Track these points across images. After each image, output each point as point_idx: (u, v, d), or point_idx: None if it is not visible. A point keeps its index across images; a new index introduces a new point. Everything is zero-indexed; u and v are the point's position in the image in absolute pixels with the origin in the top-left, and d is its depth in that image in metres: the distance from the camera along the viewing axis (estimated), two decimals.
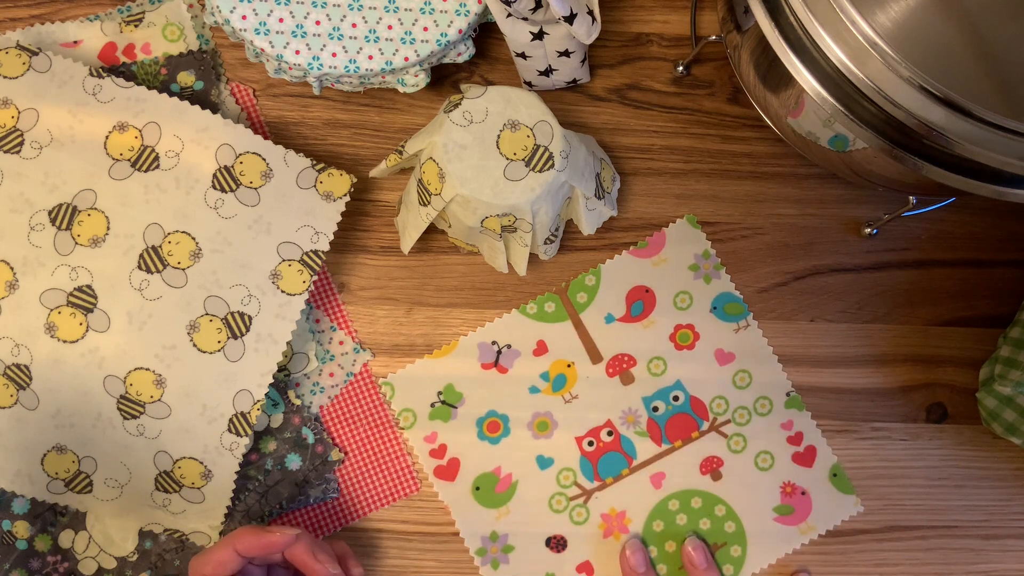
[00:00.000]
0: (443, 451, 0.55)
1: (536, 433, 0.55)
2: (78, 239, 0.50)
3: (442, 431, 0.55)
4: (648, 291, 0.56)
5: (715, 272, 0.56)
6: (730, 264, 0.57)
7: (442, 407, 0.55)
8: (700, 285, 0.56)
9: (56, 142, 0.50)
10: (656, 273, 0.56)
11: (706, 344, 0.56)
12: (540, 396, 0.55)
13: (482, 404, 0.55)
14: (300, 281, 0.51)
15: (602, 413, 0.56)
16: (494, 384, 0.55)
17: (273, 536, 0.46)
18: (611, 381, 0.56)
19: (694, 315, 0.56)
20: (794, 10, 0.41)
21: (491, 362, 0.55)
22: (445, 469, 0.55)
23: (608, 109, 0.57)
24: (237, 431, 0.51)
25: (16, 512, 0.52)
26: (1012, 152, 0.40)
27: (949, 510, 0.57)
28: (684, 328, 0.56)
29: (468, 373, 0.55)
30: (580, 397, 0.55)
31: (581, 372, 0.56)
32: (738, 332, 0.56)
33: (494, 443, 0.55)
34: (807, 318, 0.57)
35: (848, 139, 0.45)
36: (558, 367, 0.55)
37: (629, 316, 0.56)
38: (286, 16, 0.50)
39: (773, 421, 0.56)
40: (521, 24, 0.49)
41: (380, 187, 0.56)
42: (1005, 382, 0.53)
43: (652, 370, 0.56)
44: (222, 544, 0.47)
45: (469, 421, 0.55)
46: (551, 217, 0.49)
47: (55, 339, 0.50)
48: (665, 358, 0.56)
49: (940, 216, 0.58)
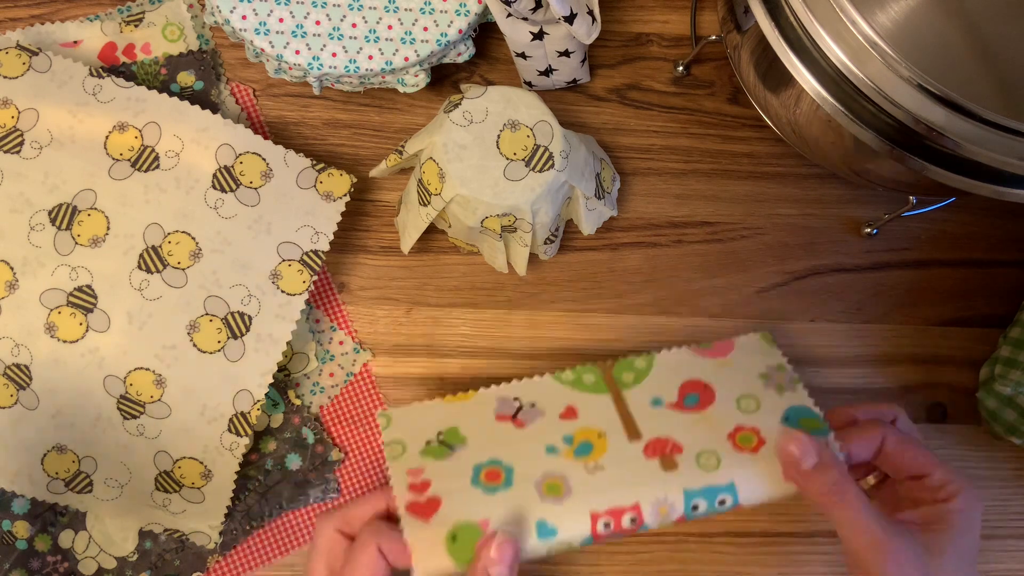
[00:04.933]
0: (424, 487, 0.44)
1: (544, 494, 0.43)
2: (78, 239, 0.50)
3: (430, 467, 0.45)
4: (707, 387, 0.47)
5: (791, 385, 0.47)
6: (730, 264, 0.56)
7: (439, 447, 0.46)
8: (771, 394, 0.47)
9: (56, 142, 0.50)
10: (720, 372, 0.48)
11: (772, 452, 0.44)
12: (558, 457, 0.45)
13: (487, 451, 0.45)
14: (300, 281, 0.51)
15: (631, 494, 0.44)
16: (507, 435, 0.46)
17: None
18: (648, 462, 0.45)
19: (760, 420, 0.46)
20: (794, 10, 0.41)
21: (509, 415, 0.47)
22: (421, 506, 0.43)
23: (608, 109, 0.57)
24: (237, 431, 0.51)
25: (16, 512, 0.52)
26: (1012, 152, 0.40)
27: None
28: (747, 431, 0.45)
29: (479, 421, 0.47)
30: (607, 469, 0.44)
31: (613, 444, 0.45)
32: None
33: (489, 492, 0.44)
34: (807, 318, 0.57)
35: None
36: (586, 434, 0.45)
37: (681, 405, 0.47)
38: (286, 16, 0.50)
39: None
40: (521, 24, 0.49)
41: (380, 187, 0.56)
42: (1005, 382, 0.53)
43: (702, 463, 0.45)
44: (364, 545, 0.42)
45: (466, 465, 0.45)
46: (551, 217, 0.49)
47: (55, 339, 0.50)
48: (720, 454, 0.45)
49: (940, 216, 0.58)
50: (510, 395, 0.48)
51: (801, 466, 0.43)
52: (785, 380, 0.48)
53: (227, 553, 0.53)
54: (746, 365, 0.48)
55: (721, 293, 0.57)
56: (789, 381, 0.48)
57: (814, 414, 0.46)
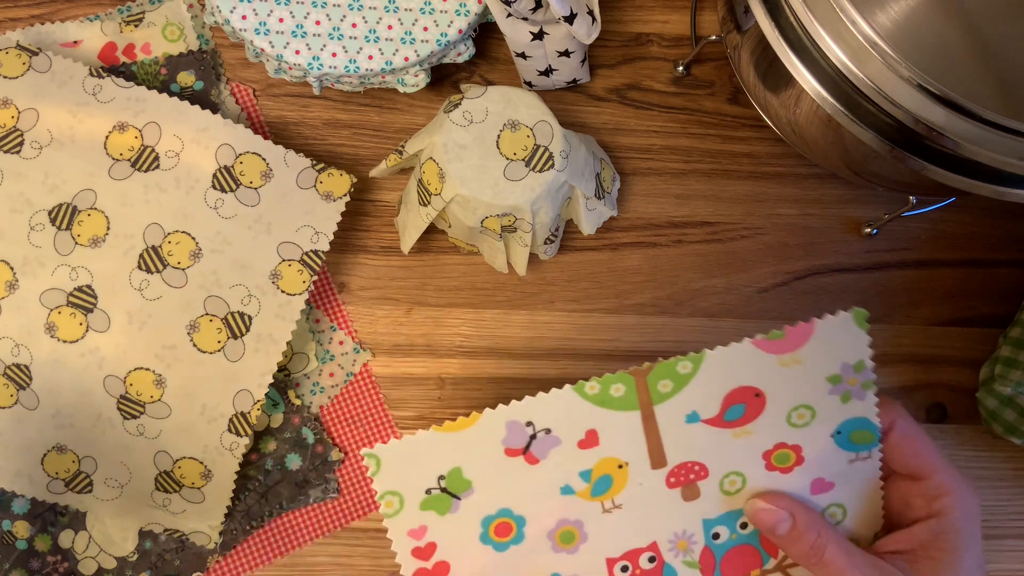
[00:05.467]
0: (430, 551, 0.41)
1: (557, 545, 0.42)
2: (78, 239, 0.50)
3: (434, 525, 0.41)
4: (759, 395, 0.41)
5: (860, 392, 0.41)
6: (730, 264, 0.56)
7: (441, 496, 0.41)
8: (834, 403, 0.41)
9: (56, 142, 0.50)
10: (779, 376, 0.40)
11: (807, 471, 0.42)
12: (573, 499, 0.42)
13: (495, 499, 0.41)
14: (300, 281, 0.51)
15: (648, 532, 0.42)
16: (517, 476, 0.41)
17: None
18: (670, 493, 0.42)
19: (807, 436, 0.42)
20: (794, 10, 0.41)
21: (520, 448, 0.41)
22: (429, 573, 0.42)
23: (608, 109, 0.57)
24: (237, 431, 0.51)
25: (16, 512, 0.52)
26: (1012, 152, 0.40)
27: None
28: (788, 448, 0.42)
29: (485, 456, 0.41)
30: (624, 507, 0.42)
31: (634, 477, 0.42)
32: (853, 463, 0.42)
33: (500, 550, 0.42)
34: (807, 318, 0.57)
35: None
36: (606, 466, 0.41)
37: (721, 420, 0.41)
38: (286, 16, 0.50)
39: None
40: (521, 24, 0.49)
41: (380, 187, 0.56)
42: (1005, 382, 0.53)
43: (726, 487, 0.42)
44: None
45: (473, 518, 0.41)
46: (551, 217, 0.49)
47: (55, 339, 0.50)
48: (746, 475, 0.42)
49: (940, 216, 0.58)
50: (522, 418, 0.40)
51: (776, 533, 0.41)
52: (857, 385, 0.41)
53: (227, 553, 0.53)
54: (818, 363, 0.40)
55: (721, 293, 0.57)
56: (861, 386, 0.41)
57: (871, 425, 0.41)
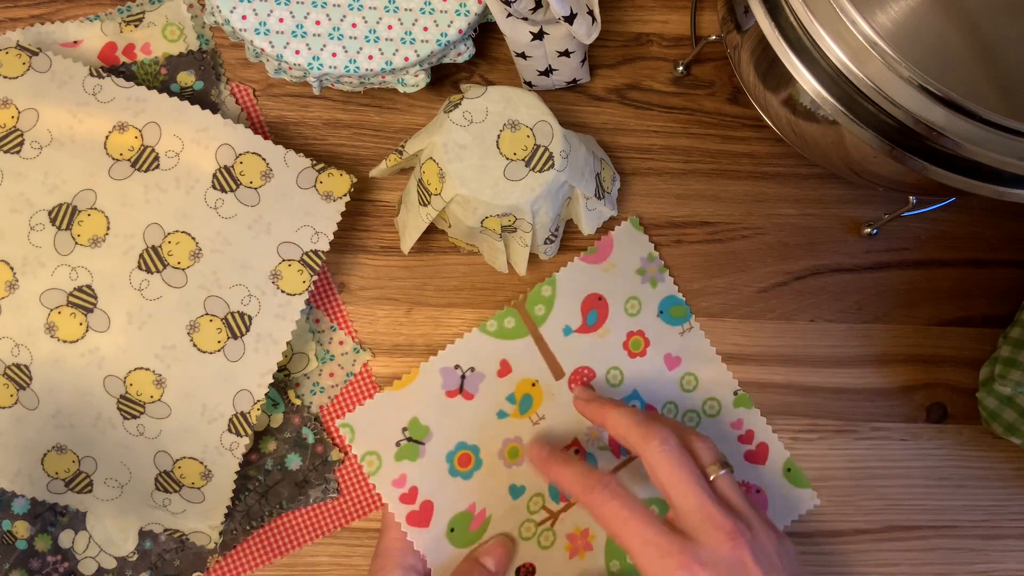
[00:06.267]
0: (414, 495, 0.52)
1: (508, 461, 0.53)
2: (78, 239, 0.50)
3: (411, 472, 0.52)
4: (601, 299, 0.54)
5: (660, 275, 0.55)
6: (730, 264, 0.57)
7: (409, 445, 0.52)
8: (647, 289, 0.55)
9: (56, 142, 0.50)
10: (607, 279, 0.54)
11: (656, 350, 0.55)
12: (509, 420, 0.53)
13: (451, 437, 0.52)
14: (300, 281, 0.51)
15: (568, 432, 0.54)
16: (461, 412, 0.53)
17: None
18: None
19: (643, 321, 0.55)
20: (794, 10, 0.41)
21: (456, 388, 0.53)
22: (418, 515, 0.51)
23: (608, 109, 0.57)
24: (237, 431, 0.51)
25: (16, 512, 0.52)
26: (1012, 152, 0.40)
27: (949, 510, 0.57)
28: (636, 335, 0.54)
29: (433, 402, 0.52)
30: (547, 417, 0.53)
31: (546, 390, 0.53)
32: (683, 335, 0.55)
33: (467, 478, 0.52)
34: (807, 318, 0.57)
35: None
36: (523, 387, 0.53)
37: (585, 326, 0.54)
38: (286, 16, 0.50)
39: (723, 421, 0.55)
40: (521, 24, 0.49)
41: (380, 187, 0.56)
42: (1005, 382, 0.53)
43: (610, 381, 0.54)
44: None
45: (439, 457, 0.52)
46: (551, 217, 0.49)
47: (55, 339, 0.50)
48: (621, 367, 0.54)
49: (940, 216, 0.58)
50: (450, 363, 0.53)
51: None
52: (656, 271, 0.55)
53: (227, 553, 0.53)
54: (627, 262, 0.55)
55: (721, 293, 0.57)
56: (658, 271, 0.55)
57: (679, 300, 0.55)
